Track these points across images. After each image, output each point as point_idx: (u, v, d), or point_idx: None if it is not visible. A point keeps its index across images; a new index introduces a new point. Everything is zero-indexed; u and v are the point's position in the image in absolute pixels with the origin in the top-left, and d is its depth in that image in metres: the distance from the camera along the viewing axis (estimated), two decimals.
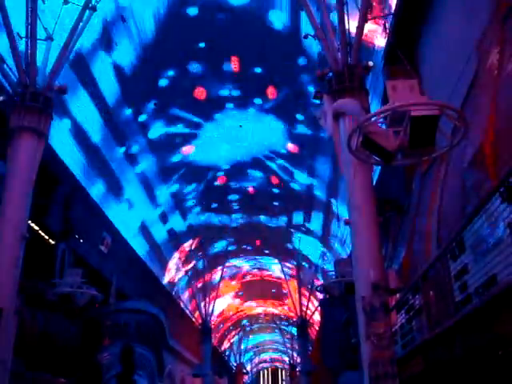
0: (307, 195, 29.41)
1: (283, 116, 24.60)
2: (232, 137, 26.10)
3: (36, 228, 17.57)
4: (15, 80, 12.15)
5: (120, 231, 25.16)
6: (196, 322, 36.62)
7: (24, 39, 12.25)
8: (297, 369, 46.22)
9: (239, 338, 61.53)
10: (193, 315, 37.98)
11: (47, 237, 18.56)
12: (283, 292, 44.20)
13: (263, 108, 24.29)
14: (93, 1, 13.26)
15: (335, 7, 11.23)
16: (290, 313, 42.70)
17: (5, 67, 12.27)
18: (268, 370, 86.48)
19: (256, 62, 21.96)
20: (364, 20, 10.90)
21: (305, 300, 37.52)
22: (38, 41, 12.39)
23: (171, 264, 35.33)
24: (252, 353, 72.57)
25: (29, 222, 12.87)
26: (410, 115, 5.89)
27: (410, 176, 13.79)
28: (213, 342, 39.53)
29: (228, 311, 51.50)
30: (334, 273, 15.63)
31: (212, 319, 37.36)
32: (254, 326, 60.49)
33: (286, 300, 44.08)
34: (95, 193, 22.56)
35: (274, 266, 41.97)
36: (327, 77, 10.72)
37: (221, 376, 43.73)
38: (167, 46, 20.36)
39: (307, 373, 34.05)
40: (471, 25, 9.47)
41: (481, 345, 6.69)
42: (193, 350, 36.35)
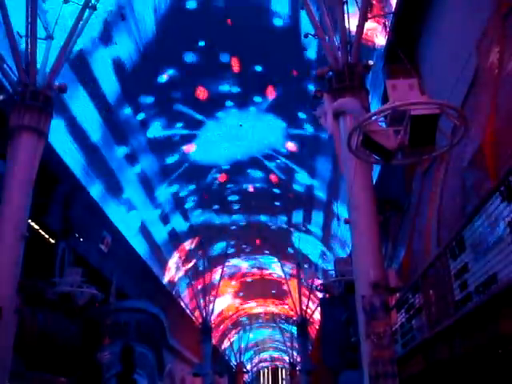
0: (307, 195, 29.39)
1: (283, 115, 24.58)
2: (232, 136, 26.08)
3: (36, 227, 17.57)
4: (15, 79, 12.15)
5: (120, 230, 25.15)
6: (196, 321, 36.59)
7: (24, 38, 12.25)
8: (297, 368, 46.15)
9: (239, 337, 61.50)
10: (193, 314, 37.95)
11: (47, 236, 18.56)
12: (283, 291, 44.17)
13: (263, 107, 24.27)
14: (92, 0, 13.25)
15: (335, 6, 11.21)
16: (291, 312, 42.64)
17: (5, 66, 12.26)
18: (268, 369, 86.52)
19: (256, 61, 21.94)
20: (364, 19, 10.90)
21: (305, 299, 37.48)
22: (38, 40, 12.38)
23: (171, 263, 35.32)
24: (252, 352, 72.50)
25: (29, 221, 12.86)
26: (410, 114, 5.88)
27: (410, 175, 13.79)
28: (213, 341, 39.48)
29: (228, 310, 51.48)
30: (334, 272, 15.62)
31: (212, 318, 37.34)
32: (254, 325, 60.48)
33: (287, 300, 44.04)
34: (95, 192, 22.54)
35: (274, 265, 41.97)
36: (327, 76, 10.72)
37: (221, 375, 43.64)
38: (167, 43, 20.34)
39: (307, 372, 34.01)
40: (471, 24, 9.47)
41: (481, 344, 6.69)
42: (193, 349, 36.33)
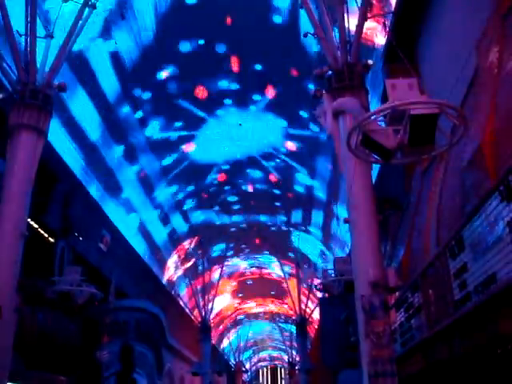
0: (307, 195, 29.39)
1: (283, 114, 24.57)
2: (232, 135, 26.07)
3: (35, 226, 17.54)
4: (15, 78, 12.14)
5: (119, 229, 25.15)
6: (195, 321, 36.61)
7: (24, 37, 12.24)
8: (296, 367, 46.13)
9: (238, 336, 61.52)
10: (192, 313, 37.96)
11: (46, 235, 18.53)
12: (283, 291, 44.17)
13: (263, 106, 24.25)
14: None
15: (335, 5, 11.21)
16: (290, 311, 42.65)
17: (4, 65, 12.26)
18: (267, 369, 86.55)
19: (256, 59, 21.93)
20: (364, 18, 10.88)
21: (304, 298, 37.48)
22: (38, 38, 12.38)
23: (170, 262, 35.32)
24: (251, 351, 72.53)
25: (28, 220, 12.86)
26: (410, 114, 5.88)
27: (410, 175, 13.79)
28: (212, 341, 39.49)
29: (227, 310, 51.49)
30: (334, 271, 15.60)
31: (211, 317, 37.34)
32: (254, 324, 60.49)
33: (286, 299, 44.05)
34: (94, 191, 22.53)
35: (274, 265, 41.96)
36: (327, 75, 10.71)
37: (220, 374, 43.64)
38: (167, 41, 20.33)
39: (306, 371, 33.99)
40: (471, 24, 9.47)
41: (480, 343, 6.70)
42: (192, 349, 36.34)
